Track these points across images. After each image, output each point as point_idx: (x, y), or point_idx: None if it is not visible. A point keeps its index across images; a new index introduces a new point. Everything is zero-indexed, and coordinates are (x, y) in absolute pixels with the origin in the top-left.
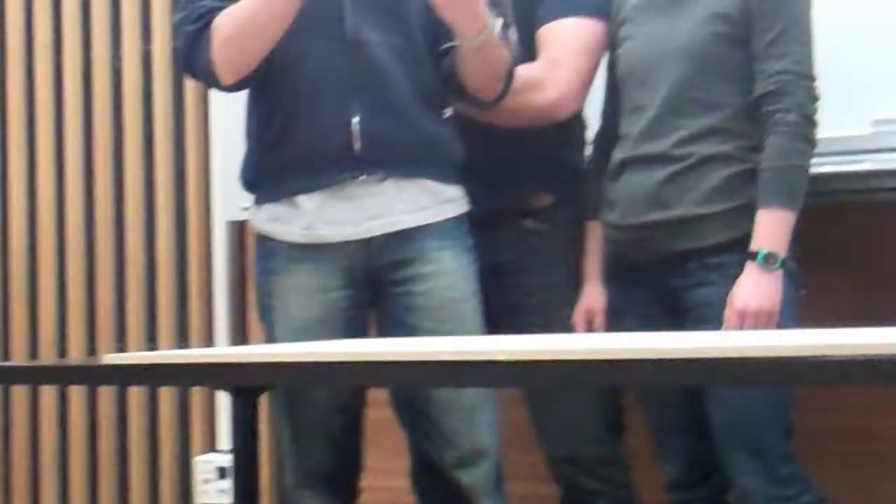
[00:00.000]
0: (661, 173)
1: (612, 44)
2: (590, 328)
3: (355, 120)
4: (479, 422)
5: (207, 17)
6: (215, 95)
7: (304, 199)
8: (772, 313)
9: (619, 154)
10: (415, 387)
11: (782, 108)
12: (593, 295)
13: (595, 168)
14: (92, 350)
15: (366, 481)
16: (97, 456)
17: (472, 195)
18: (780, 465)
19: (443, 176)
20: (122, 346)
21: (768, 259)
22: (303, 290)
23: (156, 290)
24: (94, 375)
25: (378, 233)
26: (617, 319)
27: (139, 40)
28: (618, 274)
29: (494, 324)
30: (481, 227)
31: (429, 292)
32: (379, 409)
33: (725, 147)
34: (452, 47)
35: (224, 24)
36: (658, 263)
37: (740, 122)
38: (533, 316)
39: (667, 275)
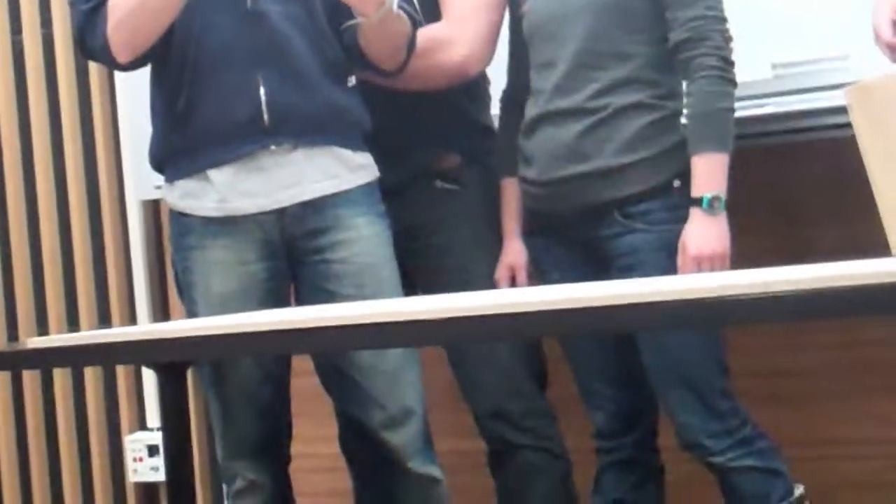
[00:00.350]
0: (577, 126)
1: (514, 1)
2: (513, 284)
3: (262, 91)
4: (404, 383)
5: None
6: (120, 75)
7: (215, 173)
8: (725, 255)
9: (532, 110)
10: (339, 351)
11: (701, 53)
12: (514, 250)
13: (506, 125)
14: (14, 339)
15: (296, 449)
16: (26, 442)
17: (382, 162)
18: (718, 400)
19: (351, 143)
20: (43, 332)
21: (713, 202)
22: (221, 264)
23: (74, 274)
24: (18, 360)
25: (291, 203)
26: (541, 276)
27: (39, 23)
28: (539, 230)
29: (415, 288)
30: (393, 192)
31: (346, 259)
32: (304, 378)
33: (639, 96)
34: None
35: (120, 2)
36: (580, 216)
37: (651, 70)
38: (452, 276)
39: (589, 227)
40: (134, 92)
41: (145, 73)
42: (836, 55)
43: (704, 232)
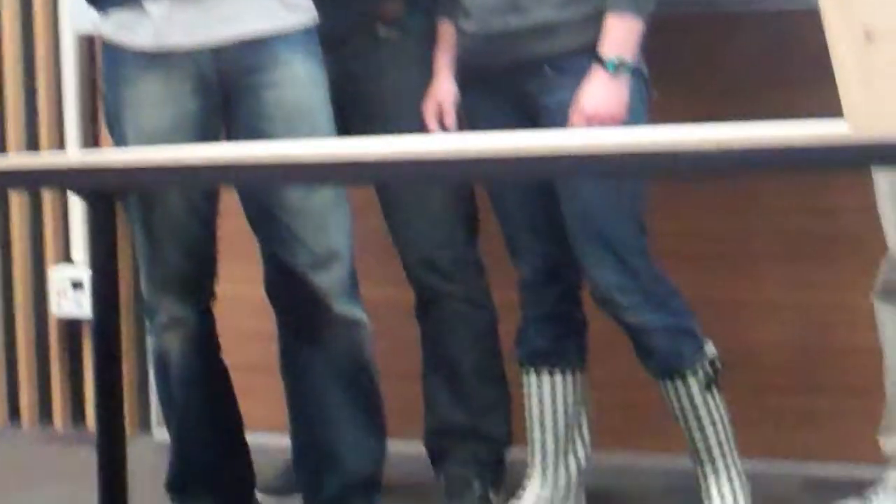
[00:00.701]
0: None
1: None
2: (441, 125)
3: None
4: (331, 225)
5: None
6: None
7: (151, 5)
8: (618, 117)
9: None
10: (268, 187)
11: None
12: (443, 89)
13: None
14: None
15: (222, 290)
16: None
17: (323, 8)
18: (632, 257)
19: None
20: None
21: (618, 66)
22: (153, 98)
23: (3, 102)
24: None
25: (228, 39)
26: (471, 126)
27: None
28: (471, 81)
29: (352, 133)
30: (335, 39)
31: (280, 99)
32: (232, 219)
33: None
34: None
35: None
36: (512, 69)
37: None
38: (389, 123)
39: (521, 80)
40: None
41: None
42: None
43: (604, 93)
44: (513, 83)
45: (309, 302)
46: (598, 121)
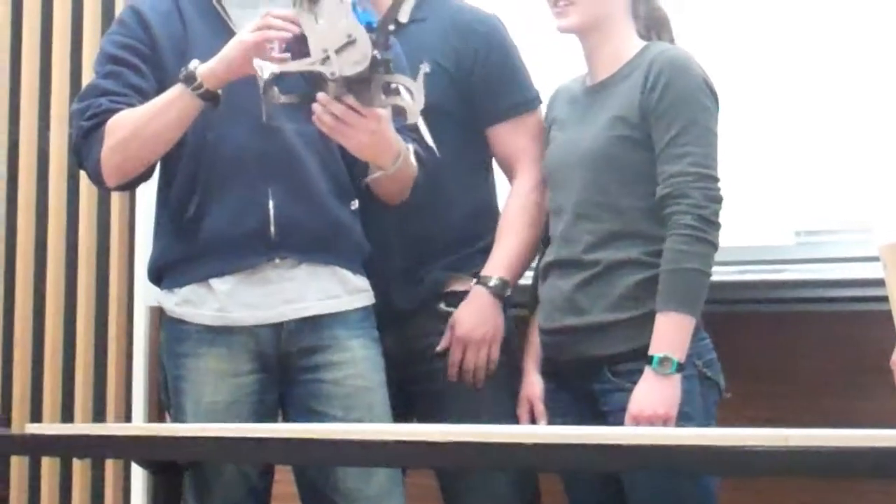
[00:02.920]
0: (576, 278)
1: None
2: (531, 419)
3: (270, 204)
4: None
5: (101, 117)
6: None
7: (217, 282)
8: (667, 418)
9: (546, 256)
10: (327, 464)
11: (679, 210)
12: (530, 383)
13: (538, 266)
14: (5, 425)
15: None
16: None
17: (387, 287)
18: None
19: (352, 265)
20: (36, 422)
21: (663, 363)
22: (214, 373)
23: (73, 369)
24: (8, 445)
25: (290, 317)
26: (549, 418)
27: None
28: (546, 373)
29: (411, 415)
30: (401, 316)
31: (338, 380)
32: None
33: (632, 252)
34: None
35: (116, 128)
36: (578, 367)
37: (646, 224)
38: (456, 402)
39: (586, 378)
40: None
41: None
42: (860, 227)
43: (649, 393)
44: (580, 381)
45: None
46: (646, 420)
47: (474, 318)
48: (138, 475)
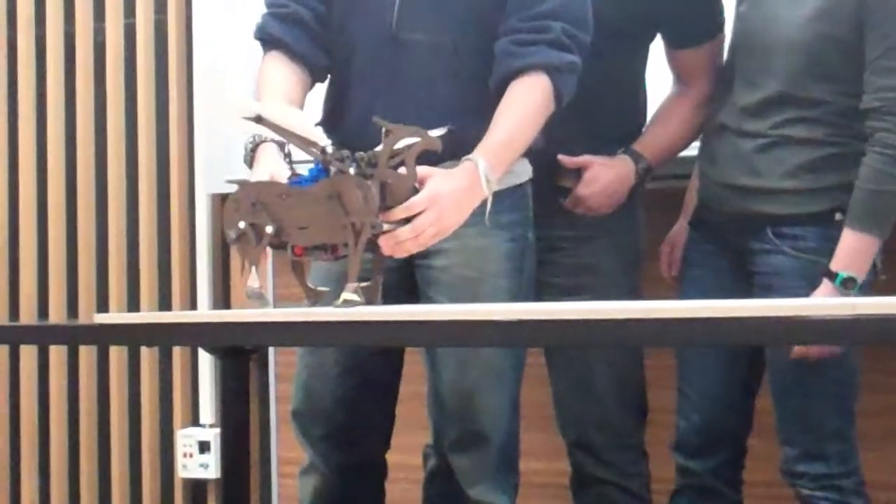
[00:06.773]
0: (758, 141)
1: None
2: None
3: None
4: (480, 406)
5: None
6: (198, 67)
7: None
8: (836, 350)
9: (723, 117)
10: (402, 345)
11: (883, 127)
12: (678, 231)
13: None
14: (73, 316)
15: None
16: (77, 429)
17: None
18: (829, 442)
19: None
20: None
21: (846, 284)
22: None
23: (138, 260)
24: (77, 334)
25: None
26: (685, 265)
27: (122, 13)
28: (698, 223)
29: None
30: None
31: (445, 268)
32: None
33: (817, 133)
34: None
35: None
36: (740, 222)
37: (839, 117)
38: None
39: (744, 235)
40: (211, 86)
41: (223, 66)
42: None
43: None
44: (736, 235)
45: (449, 481)
46: (816, 351)
47: (611, 173)
48: (205, 362)
